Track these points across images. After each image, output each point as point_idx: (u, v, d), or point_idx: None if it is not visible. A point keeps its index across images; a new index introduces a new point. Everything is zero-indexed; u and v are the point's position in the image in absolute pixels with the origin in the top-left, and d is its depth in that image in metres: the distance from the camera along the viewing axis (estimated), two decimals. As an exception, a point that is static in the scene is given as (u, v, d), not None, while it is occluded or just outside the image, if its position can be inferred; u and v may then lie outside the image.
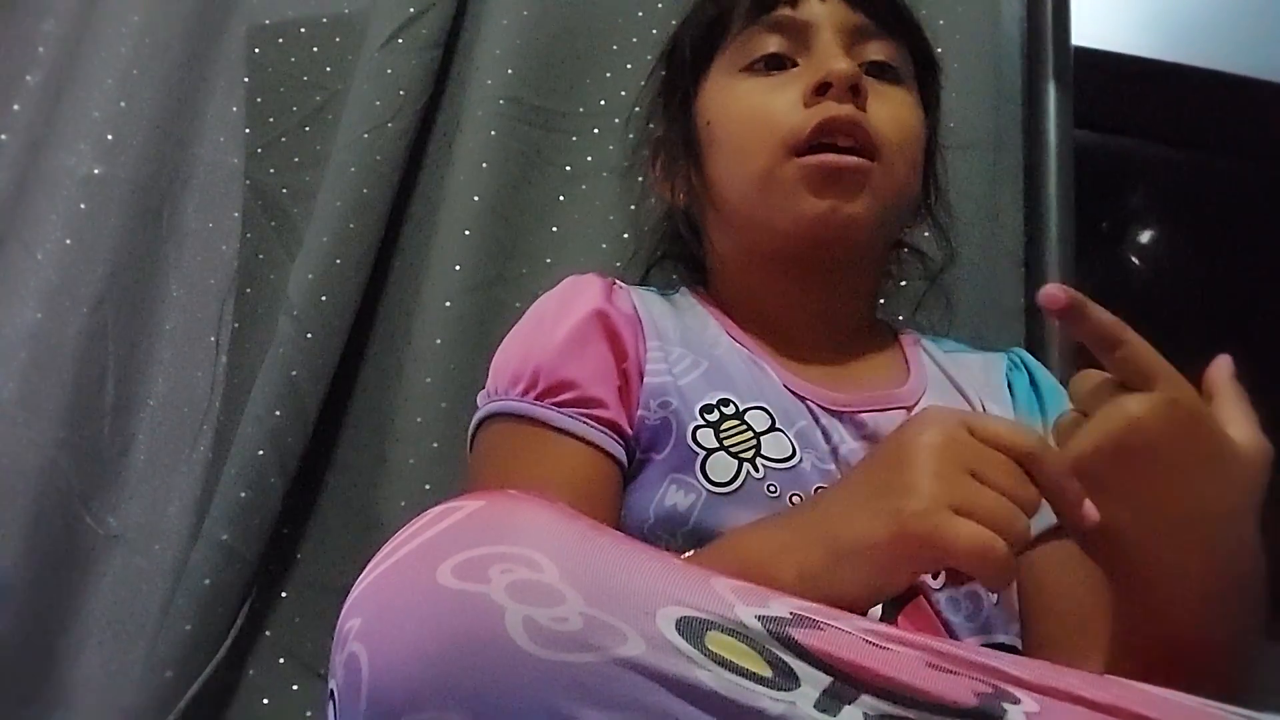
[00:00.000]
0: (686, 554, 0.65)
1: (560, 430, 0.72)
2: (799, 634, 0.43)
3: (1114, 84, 1.29)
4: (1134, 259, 1.34)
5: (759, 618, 0.43)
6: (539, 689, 0.40)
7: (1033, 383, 0.83)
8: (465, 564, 0.43)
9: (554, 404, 0.72)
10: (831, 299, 0.81)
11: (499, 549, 0.43)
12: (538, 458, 0.72)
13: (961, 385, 0.81)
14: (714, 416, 0.73)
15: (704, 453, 0.71)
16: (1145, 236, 1.34)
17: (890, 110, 0.78)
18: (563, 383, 0.73)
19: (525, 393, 0.73)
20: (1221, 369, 0.61)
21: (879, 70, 0.79)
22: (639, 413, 0.74)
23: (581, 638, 0.41)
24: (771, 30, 0.79)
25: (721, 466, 0.71)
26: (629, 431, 0.73)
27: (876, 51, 0.80)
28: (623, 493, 0.73)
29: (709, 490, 0.70)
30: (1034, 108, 1.13)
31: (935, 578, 0.70)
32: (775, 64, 0.79)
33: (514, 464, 0.72)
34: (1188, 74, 1.35)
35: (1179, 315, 1.33)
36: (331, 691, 0.45)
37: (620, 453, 0.73)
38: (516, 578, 0.42)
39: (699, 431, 0.72)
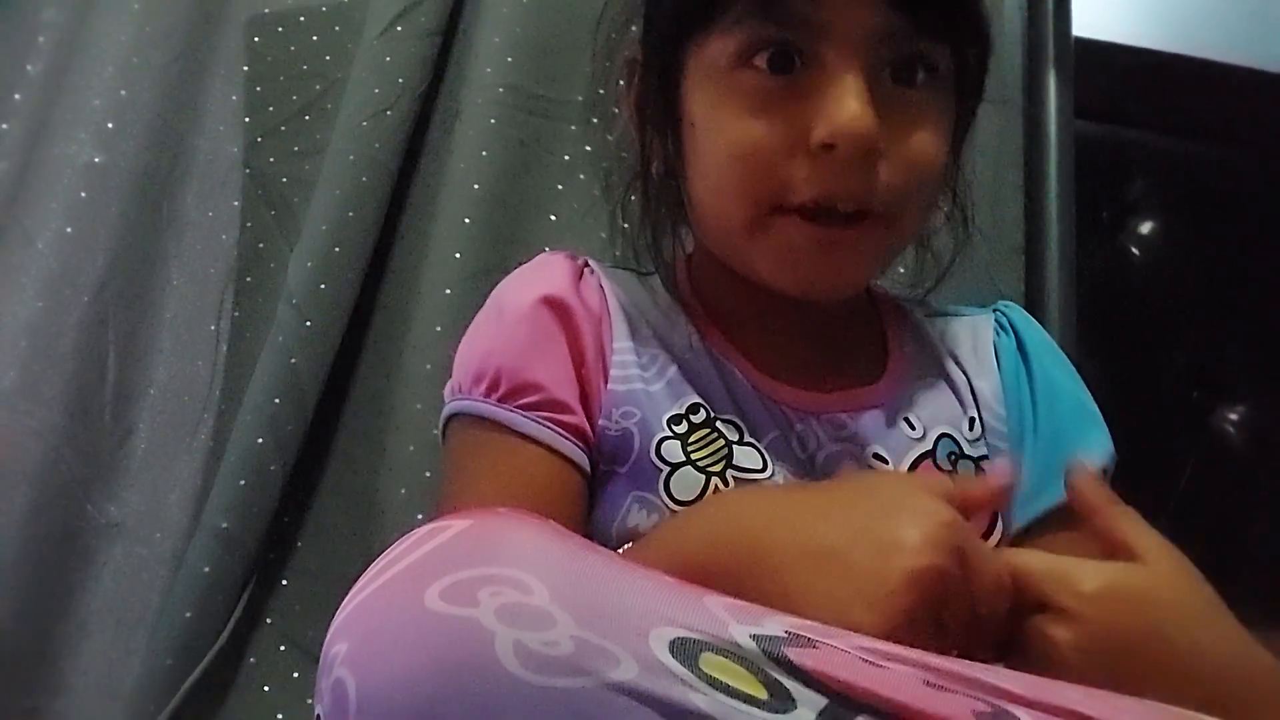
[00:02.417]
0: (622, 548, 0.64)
1: (524, 436, 0.69)
2: (794, 653, 0.42)
3: (1115, 74, 1.29)
4: (1134, 249, 1.33)
5: (753, 637, 0.43)
6: (530, 715, 0.39)
7: (1020, 346, 0.80)
8: (453, 587, 0.42)
9: (518, 407, 0.69)
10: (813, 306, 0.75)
11: (488, 570, 0.42)
12: (501, 464, 0.69)
13: (947, 366, 0.77)
14: (682, 428, 0.70)
15: (668, 469, 0.68)
16: (1145, 227, 1.34)
17: (912, 146, 0.66)
18: (527, 385, 0.70)
19: (488, 393, 0.70)
20: (1087, 478, 0.58)
21: (907, 73, 0.67)
22: (600, 422, 0.70)
23: (573, 662, 0.40)
24: (780, 26, 0.65)
25: (687, 483, 0.68)
26: (593, 439, 0.71)
27: (908, 48, 0.66)
28: (587, 502, 0.70)
29: (672, 509, 0.67)
30: (1034, 97, 1.13)
31: None
32: (780, 61, 0.66)
33: (478, 470, 0.70)
34: (1189, 65, 1.34)
35: (1179, 306, 1.33)
36: (318, 717, 0.44)
37: (585, 461, 0.70)
38: (506, 600, 0.41)
39: (664, 444, 0.69)
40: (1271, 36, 1.38)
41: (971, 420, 0.75)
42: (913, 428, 0.73)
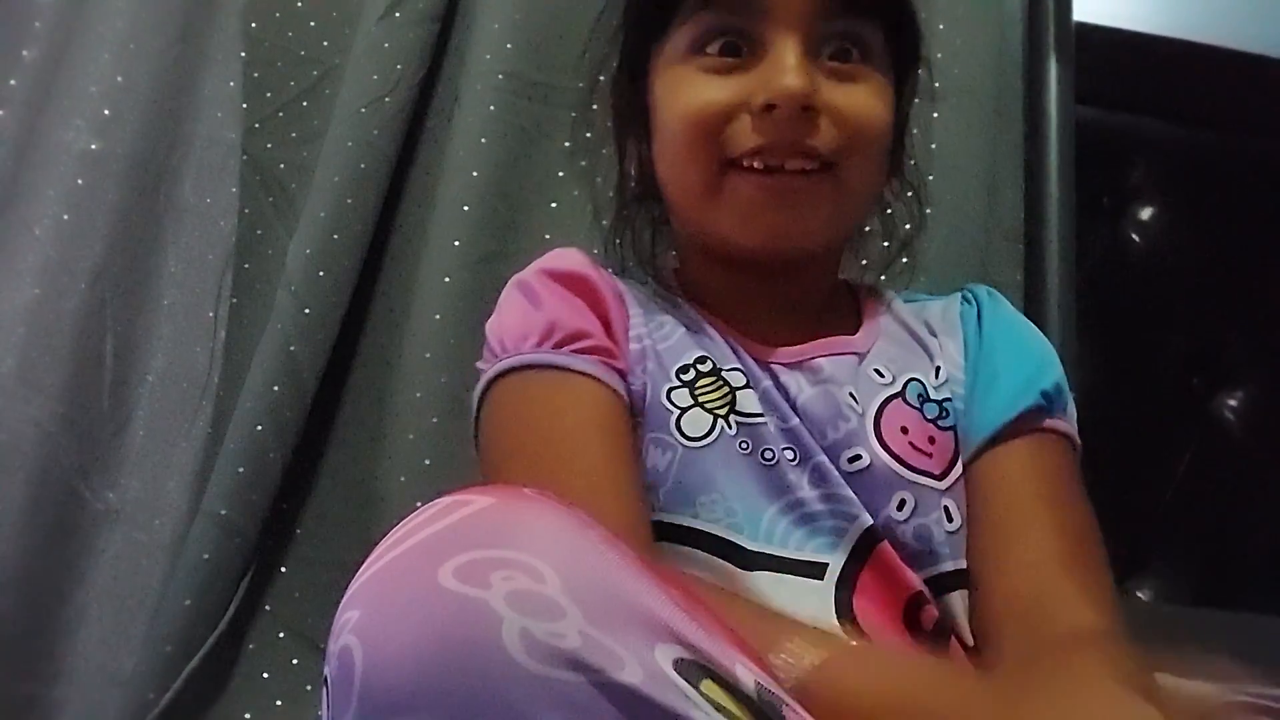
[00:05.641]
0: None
1: (582, 374, 0.72)
2: (790, 715, 0.43)
3: (1115, 60, 1.28)
4: (1134, 236, 1.33)
5: (757, 684, 0.44)
6: (528, 704, 0.39)
7: (979, 313, 0.83)
8: (467, 566, 0.42)
9: (574, 350, 0.73)
10: (792, 287, 0.81)
11: (503, 553, 0.43)
12: (563, 402, 0.71)
13: (918, 332, 0.82)
14: (690, 376, 0.74)
15: (679, 411, 0.72)
16: (1146, 213, 1.34)
17: (851, 102, 0.74)
18: (579, 332, 0.73)
19: (541, 343, 0.73)
20: None
21: (843, 53, 0.75)
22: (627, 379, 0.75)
23: (578, 656, 0.40)
24: (728, 12, 0.74)
25: (696, 421, 0.72)
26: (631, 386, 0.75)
27: (842, 27, 0.75)
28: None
29: (684, 445, 0.71)
30: (1035, 83, 1.13)
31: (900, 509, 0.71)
32: (730, 49, 0.75)
33: (538, 413, 0.72)
34: (1189, 50, 1.34)
35: (1179, 292, 1.33)
36: (325, 679, 0.45)
37: (629, 400, 0.73)
38: (517, 586, 0.41)
39: (674, 392, 0.73)
40: (1273, 22, 1.37)
41: (938, 369, 0.79)
42: (882, 376, 0.77)
